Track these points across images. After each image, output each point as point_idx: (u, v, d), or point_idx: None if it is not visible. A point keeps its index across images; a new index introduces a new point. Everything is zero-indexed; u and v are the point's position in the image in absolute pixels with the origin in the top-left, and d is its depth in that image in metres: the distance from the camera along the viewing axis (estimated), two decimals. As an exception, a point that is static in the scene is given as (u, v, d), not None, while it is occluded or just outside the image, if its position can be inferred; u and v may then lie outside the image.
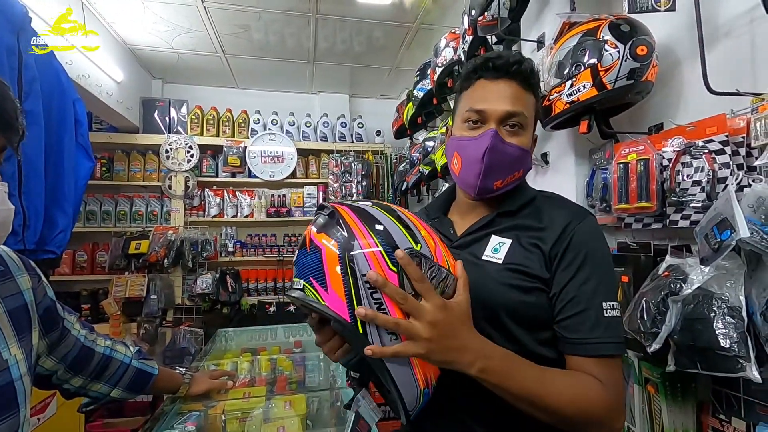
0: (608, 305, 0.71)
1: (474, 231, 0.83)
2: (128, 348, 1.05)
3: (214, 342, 2.06)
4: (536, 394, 0.63)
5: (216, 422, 1.12)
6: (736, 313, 0.92)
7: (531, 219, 0.80)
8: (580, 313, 0.70)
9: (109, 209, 3.29)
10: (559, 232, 0.75)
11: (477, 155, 0.78)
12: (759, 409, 0.99)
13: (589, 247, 0.74)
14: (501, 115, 0.78)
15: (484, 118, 0.79)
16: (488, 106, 0.78)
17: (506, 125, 0.79)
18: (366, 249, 0.57)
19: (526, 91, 0.80)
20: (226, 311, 3.32)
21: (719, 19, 1.14)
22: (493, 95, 0.79)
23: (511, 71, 0.78)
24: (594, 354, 0.69)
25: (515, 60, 0.79)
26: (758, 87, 1.01)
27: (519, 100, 0.78)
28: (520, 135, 0.80)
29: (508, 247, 0.77)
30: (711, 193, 1.06)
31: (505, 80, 0.79)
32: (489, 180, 0.80)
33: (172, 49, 3.08)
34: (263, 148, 3.56)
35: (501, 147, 0.78)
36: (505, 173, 0.80)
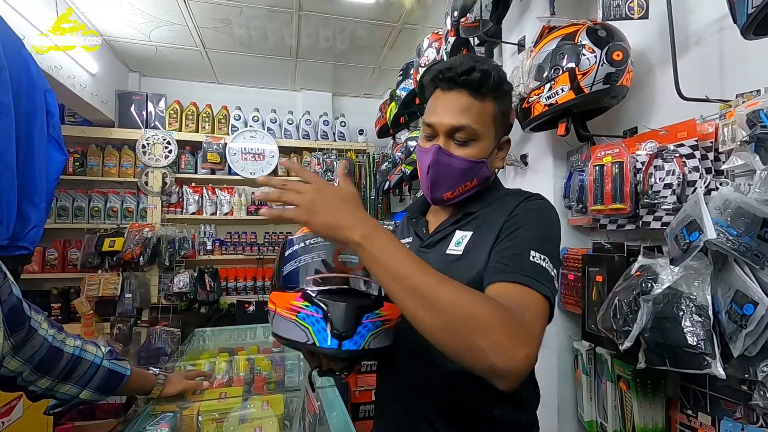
0: (536, 254, 0.68)
1: (441, 230, 0.86)
2: (99, 348, 1.01)
3: (190, 342, 2.01)
4: (419, 280, 0.57)
5: (191, 423, 1.10)
6: (703, 312, 0.95)
7: (493, 214, 0.81)
8: (503, 258, 0.69)
9: (82, 205, 3.19)
10: (507, 213, 0.77)
11: (424, 168, 0.82)
12: (724, 404, 1.03)
13: (529, 214, 0.76)
14: (447, 129, 0.79)
15: (435, 132, 0.81)
16: (436, 120, 0.80)
17: (453, 139, 0.80)
18: None
19: (477, 100, 0.78)
20: (204, 311, 3.26)
21: (690, 27, 1.18)
22: (442, 107, 0.79)
23: (459, 82, 0.77)
24: (503, 279, 0.65)
25: (464, 70, 0.77)
26: (726, 94, 1.05)
27: (467, 112, 0.77)
28: (470, 147, 0.79)
29: (468, 239, 0.79)
30: (681, 196, 1.09)
31: (456, 91, 0.78)
32: (437, 192, 0.83)
33: (149, 41, 3.00)
34: (244, 145, 3.50)
35: (445, 161, 0.79)
36: (453, 185, 0.82)
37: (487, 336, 0.54)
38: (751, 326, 0.84)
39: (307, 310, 0.63)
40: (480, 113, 0.78)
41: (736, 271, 0.89)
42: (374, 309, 0.66)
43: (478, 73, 0.77)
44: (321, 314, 0.62)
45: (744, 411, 0.98)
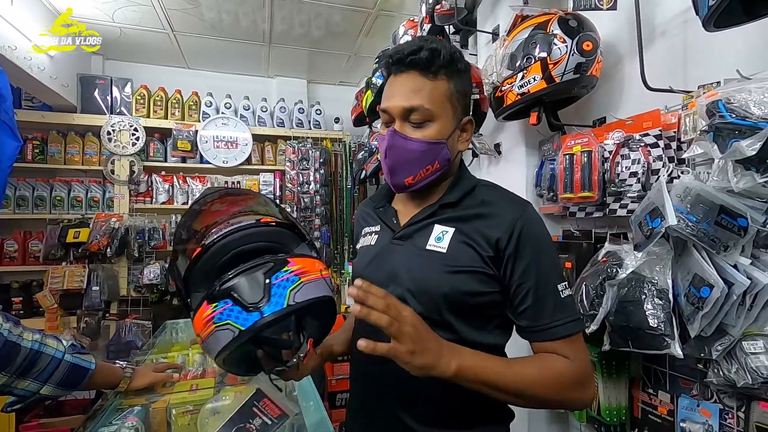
0: (561, 286, 0.74)
1: (417, 222, 0.82)
2: (60, 342, 0.97)
3: (161, 334, 1.97)
4: (510, 383, 0.67)
5: (160, 416, 1.08)
6: (664, 295, 0.99)
7: (473, 209, 0.80)
8: (540, 300, 0.73)
9: (44, 195, 3.04)
10: (507, 226, 0.75)
11: (382, 154, 0.79)
12: (681, 383, 1.08)
13: (536, 237, 0.76)
14: (399, 112, 0.77)
15: (391, 117, 0.79)
16: (389, 104, 0.78)
17: (408, 121, 0.77)
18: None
19: (429, 79, 0.76)
20: (176, 302, 3.19)
21: (656, 19, 1.21)
22: (395, 91, 0.77)
23: (407, 62, 0.76)
24: (561, 336, 0.72)
25: (411, 50, 0.75)
26: (689, 85, 1.08)
27: (419, 92, 0.75)
28: (426, 128, 0.77)
29: (451, 236, 0.77)
30: (646, 184, 1.13)
31: (406, 73, 0.77)
32: (398, 177, 0.80)
33: (113, 22, 2.86)
34: (216, 133, 3.40)
35: (401, 144, 0.77)
36: (413, 169, 0.78)
37: (572, 401, 0.73)
38: (707, 308, 0.88)
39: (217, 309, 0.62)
40: (432, 92, 0.76)
41: (694, 256, 0.93)
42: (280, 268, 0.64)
43: (426, 52, 0.75)
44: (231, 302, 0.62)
45: (700, 388, 1.03)
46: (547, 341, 0.73)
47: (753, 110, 0.78)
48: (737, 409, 0.95)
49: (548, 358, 0.72)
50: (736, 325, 0.88)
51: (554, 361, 0.71)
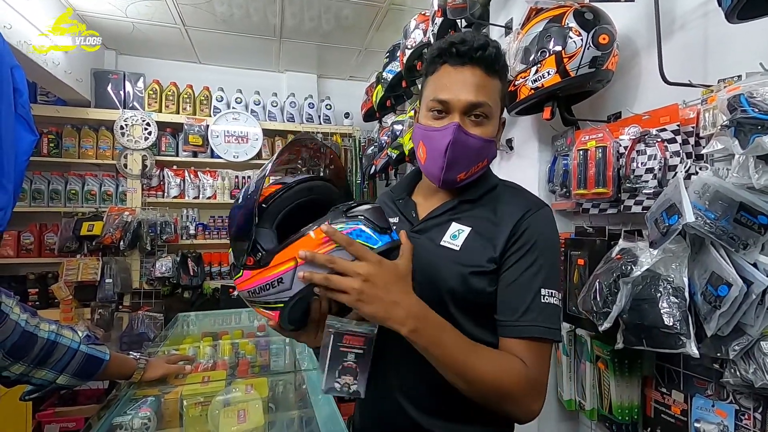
0: (547, 292, 0.73)
1: (435, 216, 0.83)
2: (76, 333, 0.99)
3: (173, 327, 1.99)
4: (461, 364, 0.66)
5: (172, 407, 1.09)
6: (680, 294, 0.98)
7: (489, 210, 0.80)
8: (518, 296, 0.73)
9: (58, 188, 3.09)
10: (512, 225, 0.76)
11: (440, 148, 0.77)
12: (696, 382, 1.06)
13: (539, 235, 0.76)
14: (464, 106, 0.76)
15: (448, 109, 0.77)
16: (452, 96, 0.76)
17: (470, 116, 0.77)
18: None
19: (491, 77, 0.77)
20: (188, 295, 3.23)
21: (676, 11, 1.18)
22: (457, 84, 0.76)
23: (475, 57, 0.75)
24: (524, 335, 0.71)
25: (479, 45, 0.75)
26: (708, 79, 1.06)
27: (483, 88, 0.76)
28: (484, 125, 0.78)
29: (466, 235, 0.78)
30: (662, 180, 1.11)
31: (470, 67, 0.76)
32: (452, 173, 0.79)
33: (126, 18, 2.88)
34: (227, 128, 3.42)
35: (464, 140, 0.76)
36: (468, 165, 0.79)
37: (513, 403, 0.69)
38: (724, 307, 0.86)
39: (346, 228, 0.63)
40: (493, 90, 0.77)
41: (712, 254, 0.91)
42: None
43: (493, 49, 0.76)
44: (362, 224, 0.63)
45: (715, 388, 1.01)
46: (513, 338, 0.72)
47: (777, 104, 0.76)
48: (754, 410, 0.93)
49: (508, 357, 0.70)
50: (754, 325, 0.86)
51: (513, 363, 0.69)
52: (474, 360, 0.67)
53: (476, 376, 0.66)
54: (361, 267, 0.60)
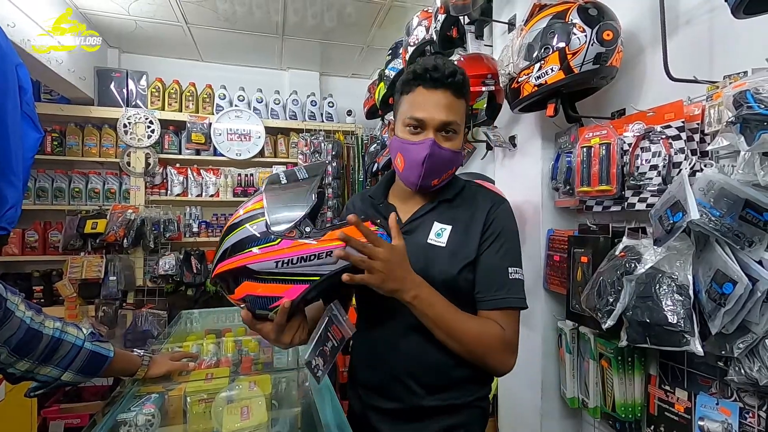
0: (513, 270, 0.90)
1: (418, 218, 0.96)
2: (80, 330, 1.00)
3: (177, 324, 2.00)
4: (451, 323, 0.83)
5: (176, 404, 1.09)
6: (684, 291, 0.97)
7: (463, 207, 0.96)
8: (492, 276, 0.89)
9: (62, 186, 3.10)
10: (484, 218, 0.93)
11: (418, 160, 0.89)
12: (700, 380, 1.06)
13: (503, 226, 0.93)
14: (438, 124, 0.89)
15: (424, 126, 0.89)
16: (427, 115, 0.88)
17: (442, 132, 0.90)
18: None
19: (458, 99, 0.90)
20: (191, 293, 3.24)
21: (680, 7, 1.17)
22: (431, 105, 0.88)
23: (446, 82, 0.88)
24: (500, 306, 0.88)
25: (450, 72, 0.88)
26: (714, 75, 1.05)
27: (453, 109, 0.89)
28: (453, 140, 0.92)
29: (449, 233, 0.92)
30: (666, 177, 1.10)
31: (442, 90, 0.88)
32: (428, 180, 0.92)
33: (128, 15, 2.89)
34: (229, 126, 3.43)
35: (438, 153, 0.89)
36: (441, 173, 0.93)
37: (494, 357, 0.87)
38: (729, 305, 0.86)
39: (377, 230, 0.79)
40: (460, 110, 0.92)
41: (717, 251, 0.91)
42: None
43: (460, 76, 0.90)
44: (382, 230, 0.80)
45: (719, 386, 1.01)
46: (490, 310, 0.88)
47: (783, 101, 0.75)
48: (758, 408, 0.93)
49: (488, 321, 0.87)
50: (759, 323, 0.85)
51: (492, 325, 0.86)
52: (461, 320, 0.84)
53: (463, 334, 0.84)
54: (382, 252, 0.74)
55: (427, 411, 0.91)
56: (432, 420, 0.92)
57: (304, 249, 0.73)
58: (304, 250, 0.73)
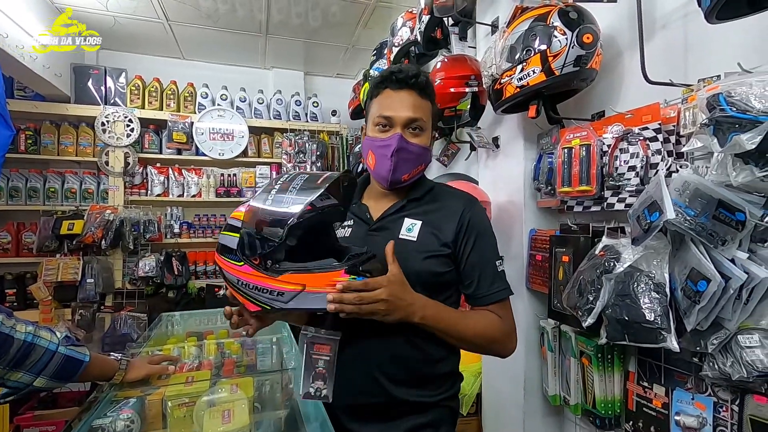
0: (498, 263, 0.98)
1: (389, 215, 1.00)
2: (54, 334, 0.96)
3: (157, 327, 1.96)
4: (460, 329, 0.91)
5: (156, 408, 1.07)
6: (661, 289, 0.99)
7: (432, 205, 1.00)
8: (483, 273, 0.96)
9: (37, 186, 3.01)
10: (458, 217, 0.96)
11: (387, 154, 0.94)
12: (677, 376, 1.09)
13: (480, 224, 0.98)
14: (404, 120, 0.94)
15: (392, 123, 0.95)
16: (394, 113, 0.94)
17: (409, 128, 0.95)
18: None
19: (423, 99, 0.96)
20: (172, 295, 3.18)
21: (657, 12, 1.20)
22: (398, 103, 0.95)
23: (410, 83, 0.94)
24: (495, 300, 0.96)
25: (413, 74, 0.95)
26: (689, 78, 1.08)
27: (418, 107, 0.95)
28: (420, 136, 0.97)
29: (419, 228, 0.96)
30: (644, 178, 1.13)
31: (407, 90, 0.95)
32: (398, 174, 0.96)
33: (107, 11, 2.82)
34: (212, 125, 3.38)
35: (406, 146, 0.94)
36: (410, 167, 0.97)
37: (499, 348, 0.97)
38: (703, 302, 0.88)
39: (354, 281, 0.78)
40: (425, 109, 0.97)
41: (692, 250, 0.93)
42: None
43: (423, 77, 0.96)
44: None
45: (695, 382, 1.04)
46: (486, 305, 0.96)
47: (754, 104, 0.78)
48: (731, 402, 0.95)
49: (488, 314, 0.95)
50: (732, 319, 0.88)
51: (492, 318, 0.95)
52: (466, 323, 0.92)
53: (473, 336, 0.92)
54: (381, 293, 0.79)
55: (396, 408, 0.94)
56: (402, 419, 0.94)
57: (259, 281, 0.77)
58: (259, 281, 0.77)
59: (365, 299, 0.77)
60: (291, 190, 0.77)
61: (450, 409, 1.01)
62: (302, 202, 0.74)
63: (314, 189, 0.76)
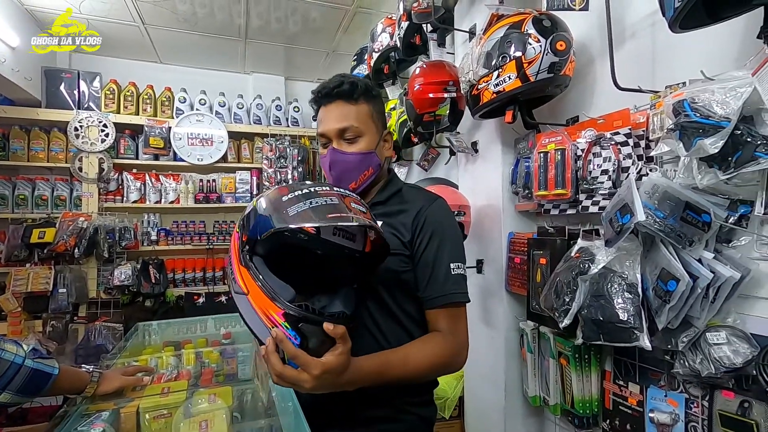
0: (455, 265, 0.92)
1: None
2: (20, 347, 0.93)
3: (133, 337, 1.90)
4: (403, 375, 0.84)
5: (131, 422, 1.04)
6: (633, 290, 1.02)
7: (398, 205, 0.99)
8: (433, 274, 0.91)
9: (5, 193, 2.90)
10: (415, 215, 0.95)
11: (327, 169, 0.98)
12: (650, 374, 1.12)
13: (438, 222, 0.94)
14: (335, 132, 0.95)
15: (328, 138, 0.97)
16: (325, 128, 0.96)
17: (343, 139, 0.95)
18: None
19: (352, 104, 0.95)
20: (150, 304, 3.10)
21: (626, 20, 1.24)
22: (327, 117, 0.96)
23: (334, 94, 0.95)
24: (443, 303, 0.90)
25: (335, 84, 0.95)
26: (656, 85, 1.12)
27: (346, 115, 0.95)
28: (358, 143, 0.95)
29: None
30: (616, 181, 1.16)
31: (334, 102, 0.96)
32: (343, 185, 0.93)
33: (79, 14, 2.74)
34: (190, 130, 3.32)
35: (341, 158, 0.95)
36: (354, 175, 0.96)
37: (448, 367, 0.90)
38: (673, 301, 0.91)
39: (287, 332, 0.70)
40: (357, 114, 0.95)
41: (662, 251, 0.96)
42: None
43: (347, 85, 0.95)
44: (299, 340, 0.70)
45: (667, 379, 1.07)
46: (437, 308, 0.90)
47: (716, 110, 0.81)
48: (702, 398, 0.99)
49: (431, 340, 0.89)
50: (700, 317, 0.91)
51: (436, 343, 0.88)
52: (408, 367, 0.84)
53: (416, 373, 0.86)
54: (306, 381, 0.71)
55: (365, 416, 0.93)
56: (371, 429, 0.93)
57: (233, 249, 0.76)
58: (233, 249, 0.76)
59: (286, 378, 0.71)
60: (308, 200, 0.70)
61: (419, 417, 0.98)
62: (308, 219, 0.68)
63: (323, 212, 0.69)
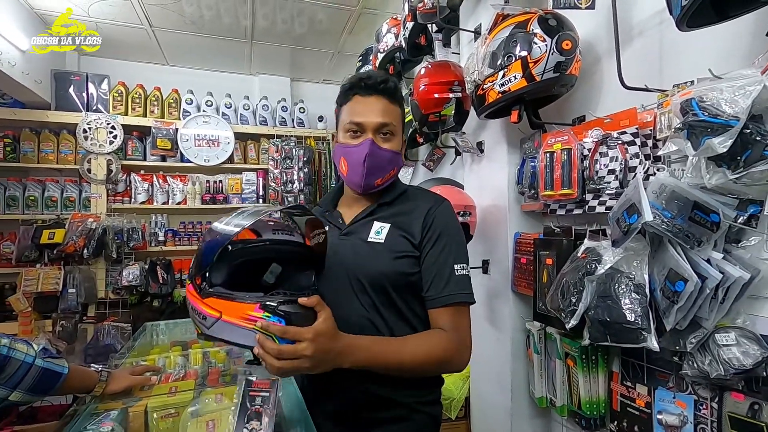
0: (459, 266, 0.93)
1: (359, 219, 1.00)
2: (31, 346, 0.94)
3: (141, 336, 1.92)
4: (397, 363, 0.84)
5: (139, 421, 1.05)
6: (641, 290, 1.01)
7: (403, 208, 1.00)
8: (438, 274, 0.92)
9: (16, 194, 2.94)
10: (423, 217, 0.96)
11: (359, 160, 0.95)
12: (658, 375, 1.11)
13: (444, 225, 0.96)
14: (375, 126, 0.95)
15: (363, 129, 0.96)
16: (364, 119, 0.95)
17: (380, 133, 0.96)
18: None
19: (392, 104, 0.97)
20: (157, 304, 3.13)
21: (633, 19, 1.23)
22: (367, 109, 0.95)
23: (379, 89, 0.95)
24: (448, 303, 0.90)
25: (382, 80, 0.96)
26: (664, 84, 1.11)
27: (388, 112, 0.96)
28: (391, 141, 0.97)
29: (387, 230, 0.96)
30: (623, 181, 1.15)
31: (376, 96, 0.95)
32: (371, 178, 0.97)
33: (88, 17, 2.78)
34: (197, 131, 3.35)
35: (377, 152, 0.95)
36: (383, 172, 0.98)
37: (447, 365, 0.90)
38: (681, 302, 0.90)
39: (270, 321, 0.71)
40: (396, 114, 0.98)
41: (669, 251, 0.95)
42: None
43: (392, 83, 0.97)
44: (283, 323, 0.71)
45: (676, 380, 1.06)
46: (438, 308, 0.91)
47: (724, 108, 0.80)
48: (711, 399, 0.97)
49: (432, 334, 0.90)
50: (709, 318, 0.90)
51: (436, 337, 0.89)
52: (404, 354, 0.84)
53: (412, 364, 0.85)
54: (305, 349, 0.71)
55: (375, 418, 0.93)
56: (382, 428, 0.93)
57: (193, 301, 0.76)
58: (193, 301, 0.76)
59: (285, 354, 0.70)
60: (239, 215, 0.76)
61: (427, 415, 0.98)
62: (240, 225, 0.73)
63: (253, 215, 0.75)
